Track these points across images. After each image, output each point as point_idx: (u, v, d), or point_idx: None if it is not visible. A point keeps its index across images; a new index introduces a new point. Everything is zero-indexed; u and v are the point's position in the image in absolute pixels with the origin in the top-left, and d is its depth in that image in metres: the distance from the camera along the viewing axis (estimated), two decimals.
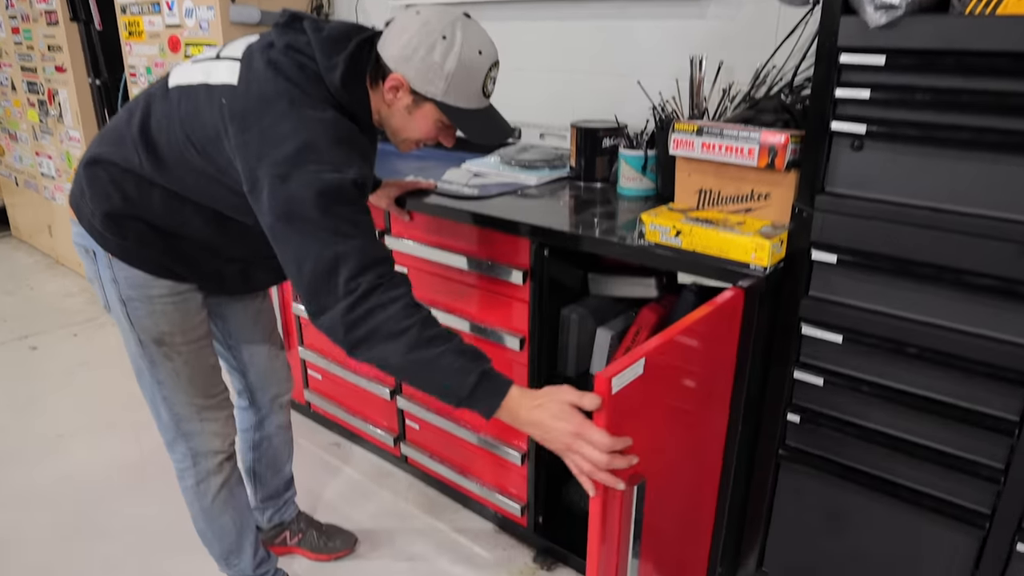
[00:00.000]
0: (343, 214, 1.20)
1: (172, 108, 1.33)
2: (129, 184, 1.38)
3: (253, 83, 1.25)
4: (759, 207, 1.44)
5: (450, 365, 1.16)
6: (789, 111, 1.48)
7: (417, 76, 1.28)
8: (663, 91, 1.95)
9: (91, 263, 1.47)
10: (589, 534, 1.10)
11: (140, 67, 3.12)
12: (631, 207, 1.81)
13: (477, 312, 1.85)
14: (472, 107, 1.34)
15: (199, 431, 1.57)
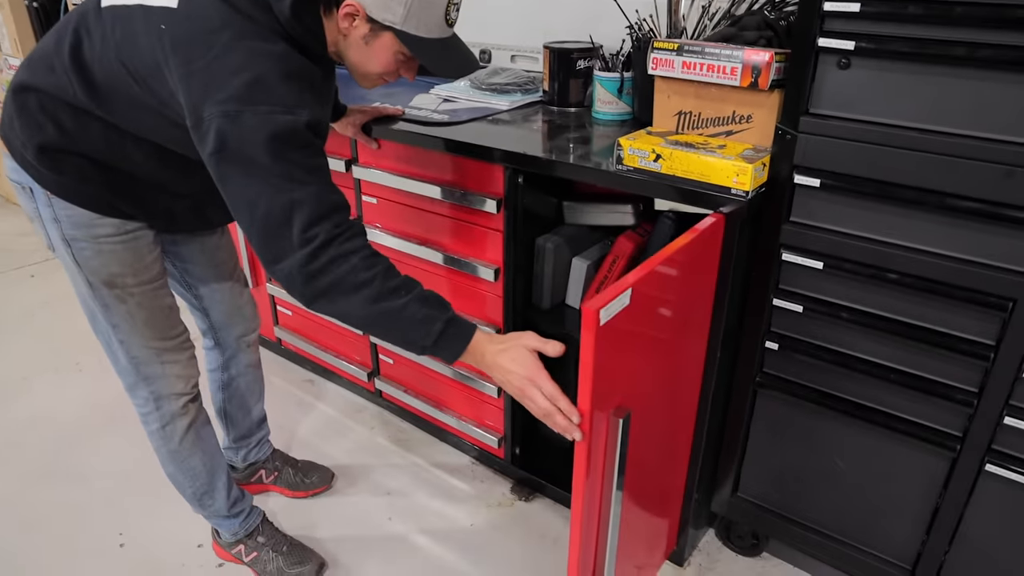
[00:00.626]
0: (296, 159, 1.12)
1: (106, 31, 1.20)
2: (64, 114, 1.26)
3: (196, 7, 1.13)
4: (741, 130, 1.39)
5: (414, 315, 1.14)
6: (773, 28, 1.42)
7: (373, 2, 1.17)
8: (640, 9, 1.87)
9: (28, 200, 1.36)
10: (575, 469, 1.08)
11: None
12: (607, 132, 1.75)
13: (450, 243, 1.80)
14: (434, 36, 1.23)
15: (160, 374, 1.51)
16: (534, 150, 1.54)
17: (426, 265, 1.85)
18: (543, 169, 1.50)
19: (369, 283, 1.13)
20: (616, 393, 1.12)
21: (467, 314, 1.81)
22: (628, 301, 1.02)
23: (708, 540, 1.80)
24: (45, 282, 3.20)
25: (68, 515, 1.90)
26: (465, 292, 1.82)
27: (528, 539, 1.81)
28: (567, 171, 1.47)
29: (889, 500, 1.45)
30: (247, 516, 1.72)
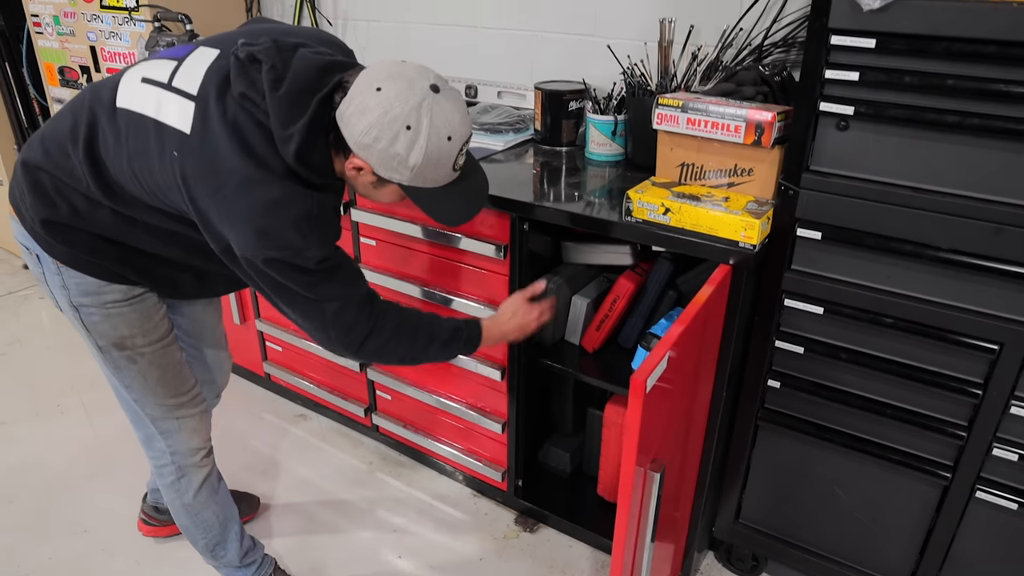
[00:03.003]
0: (318, 283, 1.24)
1: (120, 136, 1.23)
2: (76, 198, 1.28)
3: (207, 142, 1.16)
4: (743, 182, 1.47)
5: (441, 350, 1.43)
6: (768, 84, 1.49)
7: (380, 164, 1.17)
8: (627, 50, 1.93)
9: (36, 265, 1.37)
10: (616, 525, 1.13)
11: (46, 15, 2.84)
12: (602, 173, 1.81)
13: (452, 285, 1.83)
14: (440, 184, 1.23)
15: (176, 428, 1.52)
16: (542, 199, 1.58)
17: (428, 306, 1.88)
18: (553, 219, 1.55)
19: (406, 351, 1.38)
20: (651, 448, 1.18)
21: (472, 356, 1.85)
22: (667, 364, 1.08)
23: (709, 562, 1.87)
24: (12, 317, 3.11)
25: (70, 570, 1.87)
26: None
27: (538, 570, 1.86)
28: (579, 222, 1.53)
29: (884, 524, 1.54)
30: (259, 566, 1.73)
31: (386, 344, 1.34)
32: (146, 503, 1.92)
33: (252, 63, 1.16)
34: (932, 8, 1.15)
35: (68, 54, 2.85)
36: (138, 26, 2.47)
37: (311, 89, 1.15)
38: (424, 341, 1.39)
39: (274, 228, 1.15)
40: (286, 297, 1.26)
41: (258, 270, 1.22)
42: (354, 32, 2.55)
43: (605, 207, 1.56)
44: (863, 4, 1.17)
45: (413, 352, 1.39)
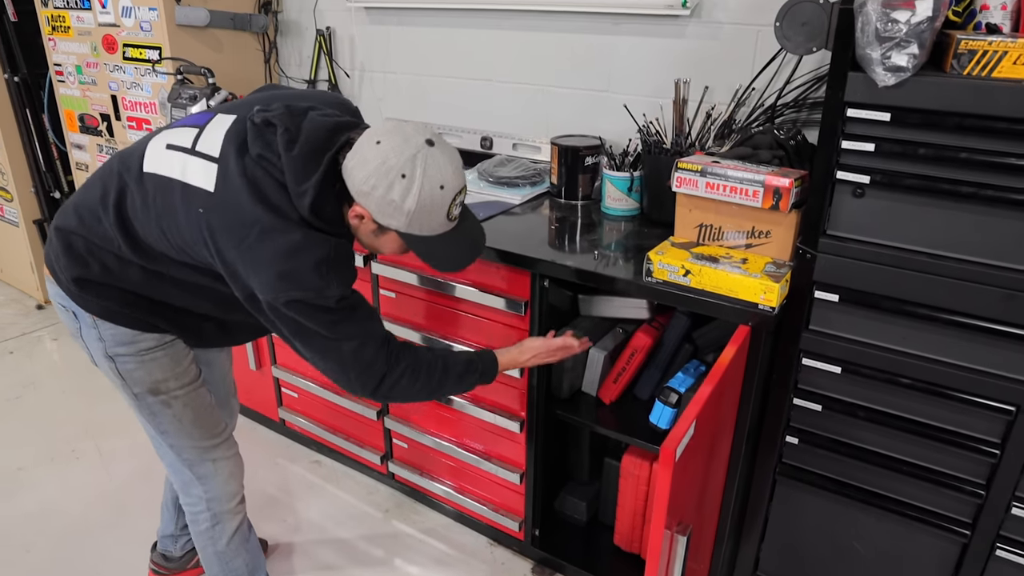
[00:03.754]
0: (338, 322, 1.29)
1: (148, 198, 1.31)
2: (107, 258, 1.37)
3: (230, 197, 1.24)
4: (760, 244, 1.50)
5: (457, 384, 1.47)
6: (784, 148, 1.54)
7: (377, 211, 1.25)
8: (641, 105, 1.99)
9: (72, 322, 1.45)
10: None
11: (68, 65, 2.91)
12: (619, 227, 1.85)
13: (472, 338, 1.86)
14: (436, 233, 1.31)
15: (212, 473, 1.57)
16: (563, 258, 1.62)
17: None
18: (575, 278, 1.59)
19: (422, 387, 1.41)
20: (678, 510, 1.20)
21: (490, 405, 1.88)
22: (693, 431, 1.11)
23: None
24: (27, 359, 3.12)
25: None
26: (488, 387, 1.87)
27: None
28: (601, 282, 1.56)
29: None
30: None
31: (401, 380, 1.38)
32: (155, 552, 1.93)
33: (267, 127, 1.26)
34: (944, 85, 1.19)
35: (89, 102, 2.91)
36: (160, 77, 2.54)
37: (322, 148, 1.25)
38: (439, 376, 1.43)
39: (295, 271, 1.22)
40: (306, 339, 1.30)
41: (280, 314, 1.27)
42: (371, 83, 2.61)
43: (625, 266, 1.60)
44: (878, 80, 1.22)
45: (430, 387, 1.42)
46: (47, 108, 3.21)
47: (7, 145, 3.30)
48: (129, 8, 2.54)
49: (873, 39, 1.20)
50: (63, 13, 2.79)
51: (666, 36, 1.96)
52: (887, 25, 1.19)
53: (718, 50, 1.89)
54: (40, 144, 3.30)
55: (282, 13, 2.76)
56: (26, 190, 3.40)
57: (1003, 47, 1.16)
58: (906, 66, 1.19)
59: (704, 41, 1.91)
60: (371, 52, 2.57)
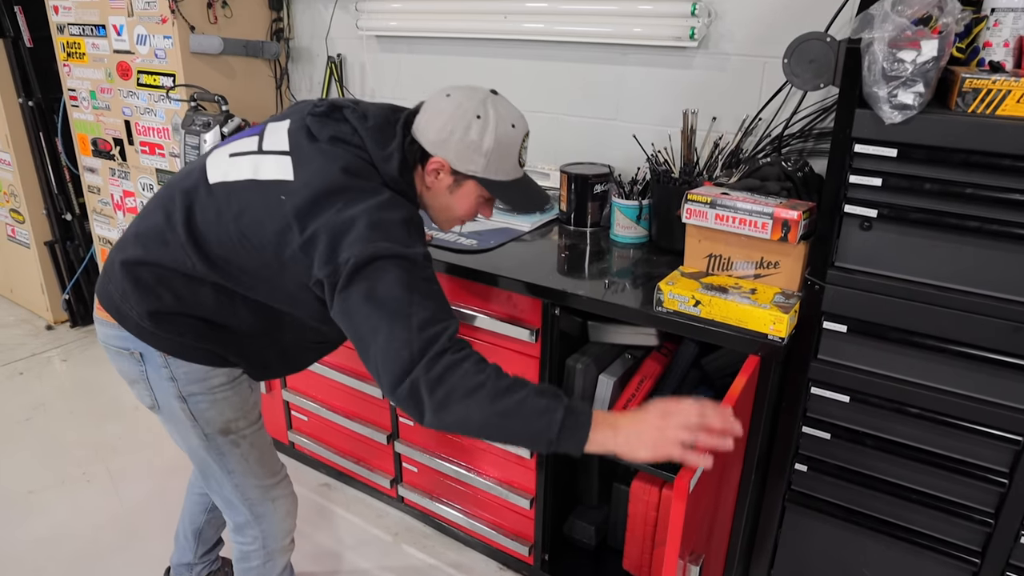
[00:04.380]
0: (418, 286, 1.21)
1: (221, 206, 1.30)
2: (178, 283, 1.34)
3: (312, 179, 1.26)
4: (769, 274, 1.53)
5: (533, 408, 1.13)
6: (791, 180, 1.57)
7: (457, 157, 1.33)
8: (649, 134, 2.02)
9: (135, 364, 1.41)
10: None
11: (83, 91, 2.96)
12: (628, 255, 1.88)
13: None
14: (511, 179, 1.40)
15: (271, 512, 1.58)
16: (575, 287, 1.64)
17: None
18: (587, 307, 1.61)
19: (483, 385, 1.14)
20: (690, 540, 1.21)
21: None
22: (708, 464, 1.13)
23: None
24: (36, 380, 3.14)
25: None
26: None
27: None
28: (612, 311, 1.58)
29: None
30: None
31: (464, 365, 1.15)
32: None
33: (332, 112, 1.34)
34: (950, 122, 1.22)
35: (102, 127, 2.96)
36: (173, 104, 2.58)
37: (391, 120, 1.35)
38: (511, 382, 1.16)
39: (386, 221, 1.23)
40: (378, 307, 1.18)
41: (361, 277, 1.18)
42: None
43: (636, 295, 1.62)
44: (885, 118, 1.24)
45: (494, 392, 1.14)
46: (60, 132, 3.26)
47: (20, 168, 3.34)
48: (144, 36, 2.58)
49: (880, 78, 1.23)
50: (79, 40, 2.84)
51: (674, 67, 1.99)
52: (893, 64, 1.22)
53: (725, 80, 1.93)
54: (53, 167, 3.34)
55: (293, 40, 2.81)
56: (38, 212, 3.44)
57: (1007, 86, 1.18)
58: (912, 104, 1.22)
59: (711, 72, 1.94)
60: (382, 79, 2.62)
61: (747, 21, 1.86)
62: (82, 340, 3.49)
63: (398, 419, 2.15)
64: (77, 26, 2.81)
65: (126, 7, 2.59)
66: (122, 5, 2.60)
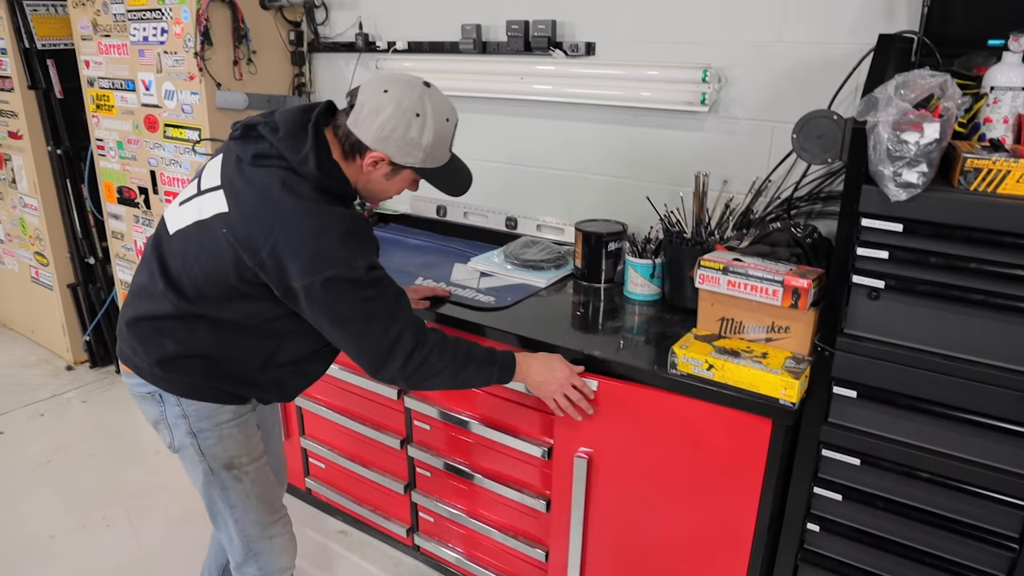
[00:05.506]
0: (370, 298, 1.39)
1: (183, 251, 1.44)
2: (175, 329, 1.47)
3: (244, 205, 1.38)
4: (780, 338, 1.57)
5: (479, 372, 1.55)
6: (801, 246, 1.62)
7: (397, 152, 1.41)
8: (661, 193, 2.08)
9: (155, 406, 1.54)
10: None
11: (110, 141, 3.06)
12: (641, 313, 1.93)
13: (501, 419, 1.92)
14: (442, 164, 1.49)
15: (268, 549, 1.66)
16: (590, 345, 1.69)
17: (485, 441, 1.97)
18: (601, 367, 1.66)
19: (445, 368, 1.48)
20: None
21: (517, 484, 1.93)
22: None
23: None
24: (57, 422, 3.20)
25: None
26: (515, 467, 1.94)
27: None
28: (626, 371, 1.63)
29: None
30: None
31: (430, 356, 1.46)
32: None
33: (248, 132, 1.43)
34: (953, 201, 1.27)
35: (128, 176, 3.05)
36: (198, 156, 2.66)
37: (302, 123, 1.41)
38: (463, 358, 1.51)
39: (324, 248, 1.34)
40: (341, 321, 1.39)
41: (316, 298, 1.35)
42: None
43: (650, 356, 1.66)
44: (890, 195, 1.30)
45: (455, 367, 1.50)
46: (87, 179, 3.35)
47: (47, 213, 3.44)
48: (172, 91, 2.68)
49: (885, 157, 1.29)
50: (108, 93, 2.95)
51: (685, 129, 2.06)
52: (898, 145, 1.27)
53: (736, 143, 1.99)
54: (78, 212, 3.44)
55: (314, 94, 2.90)
56: (62, 256, 3.52)
57: (1006, 166, 1.24)
58: (917, 183, 1.27)
59: (722, 135, 2.01)
60: None
61: (756, 87, 1.93)
62: (101, 381, 3.55)
63: (415, 469, 2.18)
64: (107, 80, 2.92)
65: (155, 64, 2.69)
66: (151, 62, 2.70)
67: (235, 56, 2.63)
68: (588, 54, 2.15)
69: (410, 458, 2.18)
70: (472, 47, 2.31)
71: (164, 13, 2.58)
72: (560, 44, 2.17)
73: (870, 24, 1.74)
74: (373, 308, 1.40)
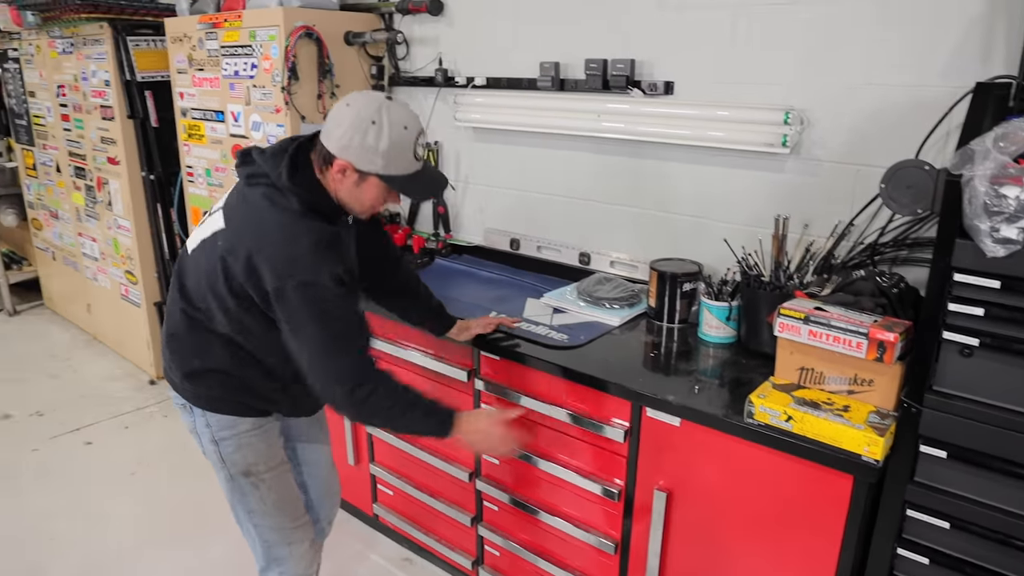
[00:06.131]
0: (331, 311, 1.47)
1: (195, 267, 1.60)
2: (196, 344, 1.63)
3: (234, 219, 1.54)
4: (863, 391, 1.53)
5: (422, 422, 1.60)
6: (887, 296, 1.57)
7: (358, 158, 1.49)
8: (737, 233, 2.05)
9: (188, 416, 1.71)
10: None
11: (199, 168, 3.20)
12: (716, 355, 1.90)
13: (573, 459, 1.92)
14: (408, 172, 1.54)
15: (287, 556, 1.77)
16: (664, 391, 1.67)
17: (547, 477, 1.97)
18: (676, 412, 1.64)
19: (392, 409, 1.54)
20: None
21: (586, 525, 1.92)
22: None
23: None
24: (141, 434, 3.34)
25: None
26: (583, 507, 1.93)
27: None
28: (700, 418, 1.61)
29: None
30: None
31: (378, 389, 1.52)
32: None
33: (246, 157, 1.58)
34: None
35: (214, 201, 3.17)
36: None
37: (284, 147, 1.55)
38: (408, 405, 1.56)
39: (296, 255, 1.46)
40: (301, 329, 1.48)
41: (285, 301, 1.46)
42: (474, 195, 2.77)
43: (725, 402, 1.64)
44: (987, 251, 1.25)
45: (398, 411, 1.55)
46: (176, 203, 3.52)
47: (138, 234, 3.62)
48: (259, 123, 2.80)
49: (981, 211, 1.24)
50: (199, 123, 3.10)
51: (764, 170, 2.03)
52: (996, 200, 1.23)
53: (817, 186, 1.95)
54: (166, 234, 3.61)
55: None
56: (150, 275, 3.70)
57: None
58: (1017, 239, 1.22)
59: (803, 176, 1.97)
60: (475, 166, 2.74)
61: (840, 130, 1.89)
62: None
63: (483, 502, 2.19)
64: (199, 111, 3.07)
65: (244, 97, 2.81)
66: (241, 95, 2.82)
67: (319, 90, 2.73)
68: (667, 93, 2.15)
69: (478, 491, 2.19)
70: (550, 84, 2.34)
71: (255, 49, 2.70)
72: (638, 83, 2.18)
73: (963, 67, 1.68)
74: (333, 323, 1.48)
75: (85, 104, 3.67)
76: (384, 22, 2.86)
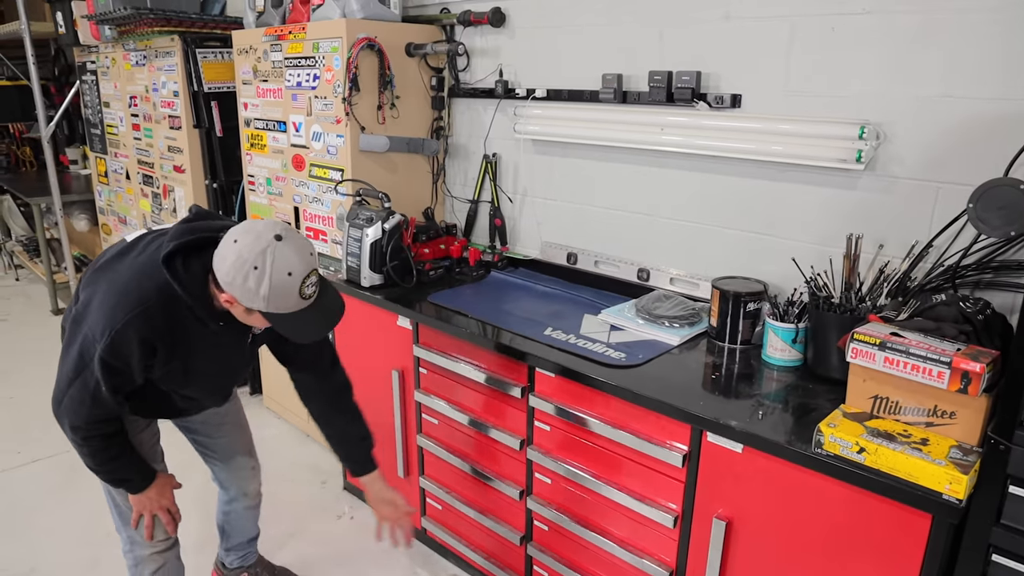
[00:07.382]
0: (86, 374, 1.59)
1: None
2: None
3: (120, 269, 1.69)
4: (943, 424, 1.43)
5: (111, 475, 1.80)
6: (971, 322, 1.47)
7: (242, 296, 1.51)
8: (805, 252, 1.97)
9: None
10: None
11: (260, 177, 3.25)
12: (781, 379, 1.81)
13: (629, 483, 1.85)
14: (292, 311, 1.55)
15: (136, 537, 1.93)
16: (725, 412, 1.61)
17: (599, 498, 1.91)
18: (739, 439, 1.57)
19: (89, 458, 1.74)
20: None
21: (638, 551, 1.85)
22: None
23: None
24: None
25: None
26: (637, 531, 1.86)
27: None
28: (764, 446, 1.53)
29: None
30: None
31: (88, 443, 1.70)
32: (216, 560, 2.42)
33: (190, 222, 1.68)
34: None
35: (274, 210, 3.23)
36: (339, 196, 2.78)
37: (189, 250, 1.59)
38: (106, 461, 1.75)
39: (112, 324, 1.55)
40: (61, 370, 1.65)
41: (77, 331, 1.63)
42: (532, 208, 2.74)
43: (791, 430, 1.56)
44: None
45: (94, 463, 1.75)
46: (237, 211, 3.58)
47: None
48: (320, 134, 2.82)
49: None
50: (261, 133, 3.15)
51: (835, 187, 1.94)
52: None
53: (893, 204, 1.85)
54: None
55: (452, 137, 2.97)
56: None
57: None
58: None
59: (877, 194, 1.88)
60: (534, 179, 2.71)
61: (918, 145, 1.79)
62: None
63: (533, 521, 2.14)
64: (262, 121, 3.12)
65: (306, 107, 2.84)
66: (303, 105, 2.86)
67: (379, 101, 2.74)
68: (734, 106, 2.08)
69: (528, 509, 2.14)
70: (612, 96, 2.30)
71: (317, 60, 2.73)
72: (704, 95, 2.12)
73: None
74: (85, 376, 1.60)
75: (154, 114, 3.77)
76: (445, 33, 2.86)
